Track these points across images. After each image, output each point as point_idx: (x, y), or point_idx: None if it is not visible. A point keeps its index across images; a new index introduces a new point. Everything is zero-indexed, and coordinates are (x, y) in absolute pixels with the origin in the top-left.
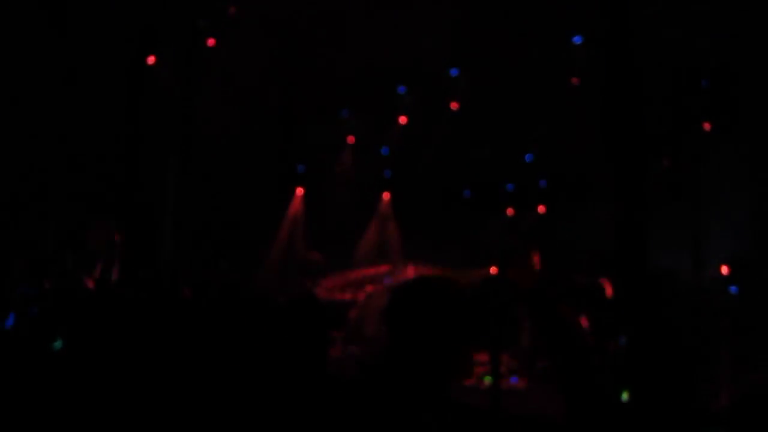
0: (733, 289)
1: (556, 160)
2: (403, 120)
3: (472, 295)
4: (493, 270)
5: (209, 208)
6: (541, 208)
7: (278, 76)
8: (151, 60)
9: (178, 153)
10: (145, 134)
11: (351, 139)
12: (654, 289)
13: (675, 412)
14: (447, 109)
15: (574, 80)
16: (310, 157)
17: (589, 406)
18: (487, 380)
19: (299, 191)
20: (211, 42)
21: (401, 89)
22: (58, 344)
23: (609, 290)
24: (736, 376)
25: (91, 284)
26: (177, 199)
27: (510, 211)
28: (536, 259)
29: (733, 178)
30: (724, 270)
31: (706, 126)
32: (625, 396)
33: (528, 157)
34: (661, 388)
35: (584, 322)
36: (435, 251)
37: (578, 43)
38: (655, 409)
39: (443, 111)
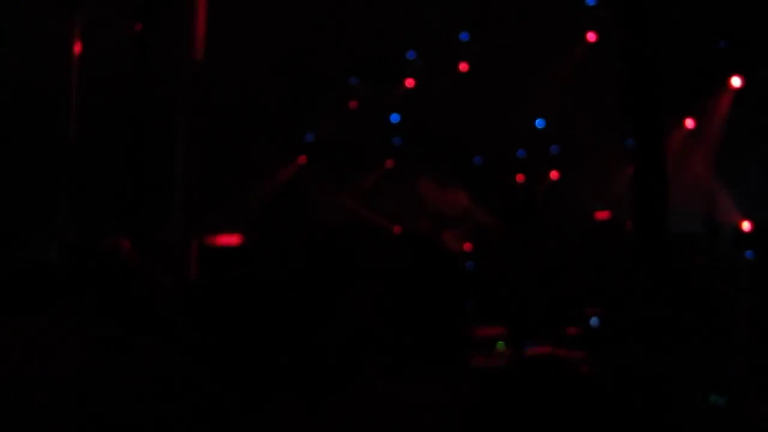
0: (748, 254)
1: (569, 125)
2: (410, 83)
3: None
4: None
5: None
6: (553, 175)
7: (286, 45)
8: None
9: (185, 121)
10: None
11: (353, 104)
12: (673, 253)
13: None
14: (457, 75)
15: (591, 37)
16: (318, 125)
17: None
18: (500, 347)
19: (302, 159)
20: None
21: (411, 54)
22: None
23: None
24: (753, 338)
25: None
26: (186, 167)
27: (521, 178)
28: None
29: (747, 140)
30: (746, 226)
31: (729, 84)
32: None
33: (539, 123)
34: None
35: None
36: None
37: (592, 4)
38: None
39: (453, 76)
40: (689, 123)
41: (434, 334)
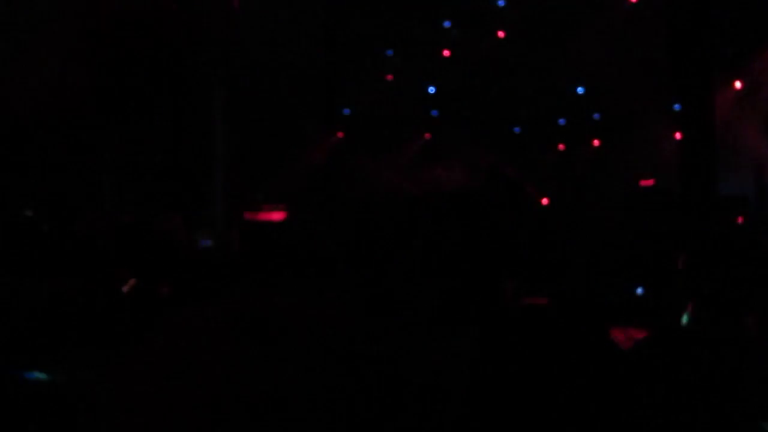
0: None
1: (611, 91)
2: (446, 53)
3: None
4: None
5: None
6: (595, 142)
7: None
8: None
9: (222, 96)
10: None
11: (390, 77)
12: (723, 215)
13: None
14: (494, 42)
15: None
16: (354, 99)
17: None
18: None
19: (339, 135)
20: None
21: (446, 23)
22: None
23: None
24: None
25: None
26: (225, 143)
27: (562, 147)
28: None
29: None
30: None
31: None
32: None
33: (580, 90)
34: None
35: None
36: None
37: None
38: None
39: (490, 44)
40: (738, 84)
41: None
